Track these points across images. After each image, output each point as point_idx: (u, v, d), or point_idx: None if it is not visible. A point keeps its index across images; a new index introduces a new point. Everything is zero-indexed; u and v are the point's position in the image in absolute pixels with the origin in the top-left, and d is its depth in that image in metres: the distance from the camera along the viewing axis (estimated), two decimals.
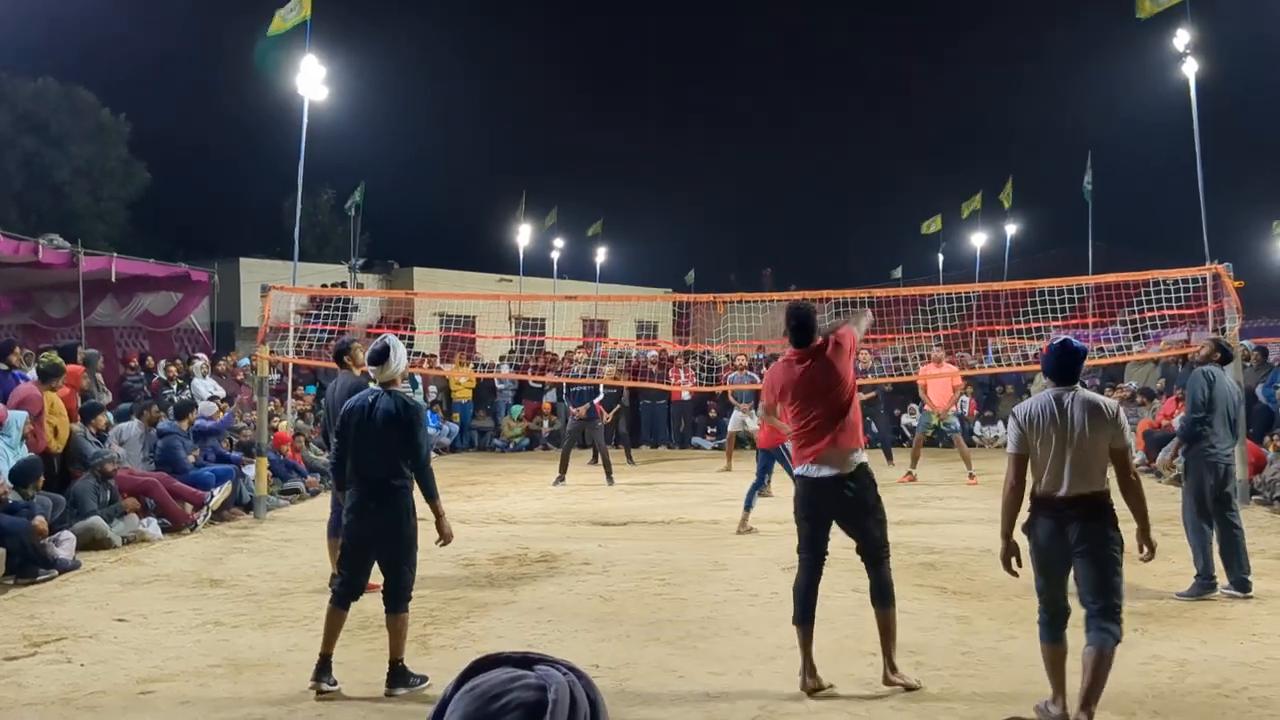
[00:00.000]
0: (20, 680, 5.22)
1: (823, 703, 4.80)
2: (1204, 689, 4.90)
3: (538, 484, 13.43)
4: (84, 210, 32.17)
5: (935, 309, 15.53)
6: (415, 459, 5.17)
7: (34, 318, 15.85)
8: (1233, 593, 6.75)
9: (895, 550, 8.42)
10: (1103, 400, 4.58)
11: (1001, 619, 6.20)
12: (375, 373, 5.33)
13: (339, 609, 5.15)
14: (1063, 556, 4.51)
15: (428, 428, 5.29)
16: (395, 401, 5.20)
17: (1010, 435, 4.69)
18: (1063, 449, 4.44)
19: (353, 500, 5.19)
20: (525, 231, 29.86)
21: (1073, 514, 4.43)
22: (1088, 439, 4.42)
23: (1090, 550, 4.42)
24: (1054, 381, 4.61)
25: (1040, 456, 4.50)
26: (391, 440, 5.12)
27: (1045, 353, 4.75)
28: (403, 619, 5.14)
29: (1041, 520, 4.52)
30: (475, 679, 1.04)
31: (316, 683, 5.01)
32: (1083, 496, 4.43)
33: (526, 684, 1.02)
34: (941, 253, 35.15)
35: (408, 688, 5.05)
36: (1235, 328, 10.72)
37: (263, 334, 11.51)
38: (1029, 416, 4.55)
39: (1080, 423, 4.43)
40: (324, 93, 15.61)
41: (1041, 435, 4.49)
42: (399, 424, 5.13)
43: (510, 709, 1.00)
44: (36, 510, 8.07)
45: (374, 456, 5.14)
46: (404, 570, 5.15)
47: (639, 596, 6.96)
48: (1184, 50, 15.56)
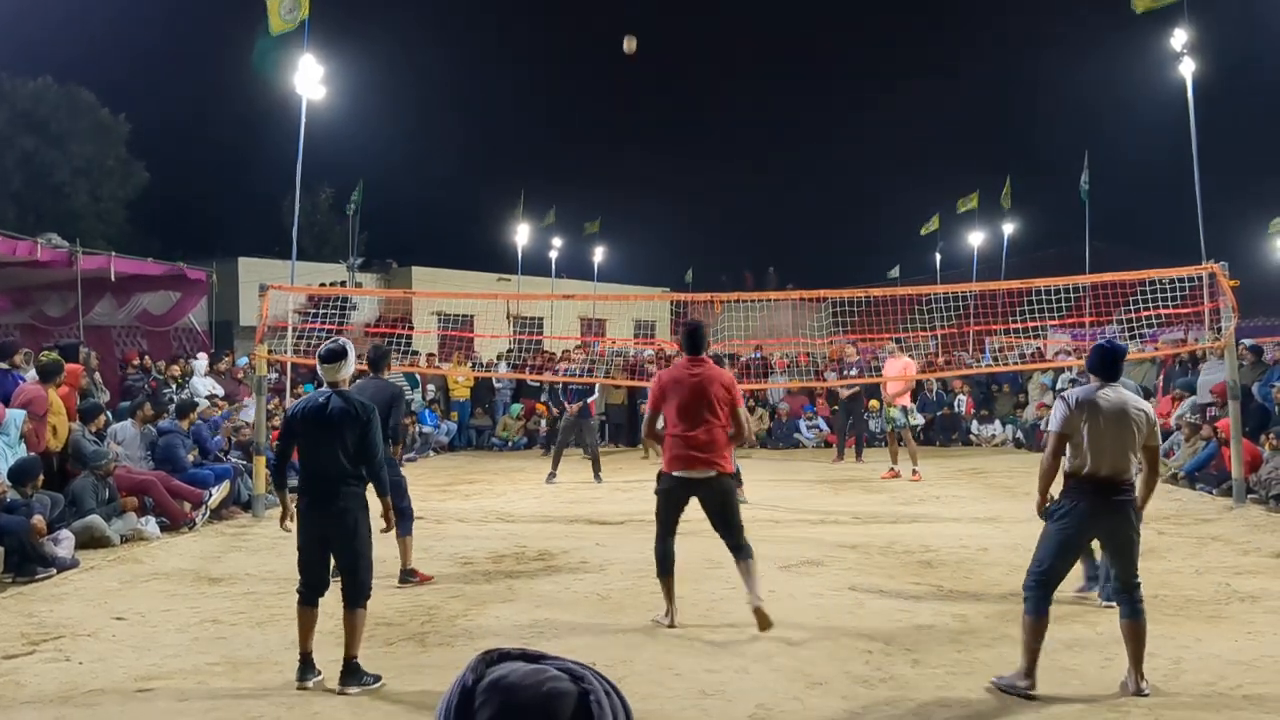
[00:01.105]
0: (19, 678, 5.23)
1: (820, 698, 4.82)
2: (1199, 686, 4.91)
3: (535, 483, 13.45)
4: (83, 209, 32.18)
5: (932, 309, 15.56)
6: (371, 460, 5.17)
7: (32, 317, 15.85)
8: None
9: (892, 548, 8.52)
10: (1141, 402, 5.05)
11: (998, 617, 6.22)
12: (326, 372, 5.27)
13: (308, 607, 5.19)
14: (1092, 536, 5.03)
15: (379, 427, 5.27)
16: (349, 402, 5.18)
17: (1056, 415, 5.03)
18: (1100, 436, 4.83)
19: (306, 500, 5.20)
20: (524, 231, 29.89)
21: (1108, 496, 4.84)
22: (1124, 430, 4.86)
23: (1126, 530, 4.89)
24: (1099, 377, 5.03)
25: (1081, 440, 4.86)
26: (345, 441, 5.11)
27: (1089, 352, 5.26)
28: (359, 615, 5.15)
29: (1078, 499, 4.86)
30: (494, 671, 0.99)
31: (302, 682, 5.06)
32: (1118, 480, 4.84)
33: (557, 677, 0.98)
34: (939, 252, 35.20)
35: (360, 685, 5.02)
36: (1231, 327, 10.74)
37: (261, 333, 11.52)
38: (1078, 401, 4.94)
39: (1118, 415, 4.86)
40: (322, 91, 15.65)
41: (1088, 420, 4.86)
42: (355, 424, 5.12)
43: (554, 698, 0.96)
44: (35, 509, 8.08)
45: (328, 457, 5.12)
46: (360, 568, 5.18)
47: (636, 595, 6.98)
48: (1181, 50, 15.61)
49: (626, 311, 29.92)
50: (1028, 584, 4.94)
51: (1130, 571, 4.88)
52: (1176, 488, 12.03)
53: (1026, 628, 4.88)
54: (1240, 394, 10.74)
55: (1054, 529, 4.91)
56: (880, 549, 8.55)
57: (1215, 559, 7.93)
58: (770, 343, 19.33)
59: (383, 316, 22.44)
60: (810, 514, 10.54)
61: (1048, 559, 4.89)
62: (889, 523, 9.94)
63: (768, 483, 12.84)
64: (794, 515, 10.40)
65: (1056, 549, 4.88)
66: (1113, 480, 4.81)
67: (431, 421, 18.15)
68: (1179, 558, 7.98)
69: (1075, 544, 4.97)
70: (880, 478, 13.37)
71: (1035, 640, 4.84)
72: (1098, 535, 5.01)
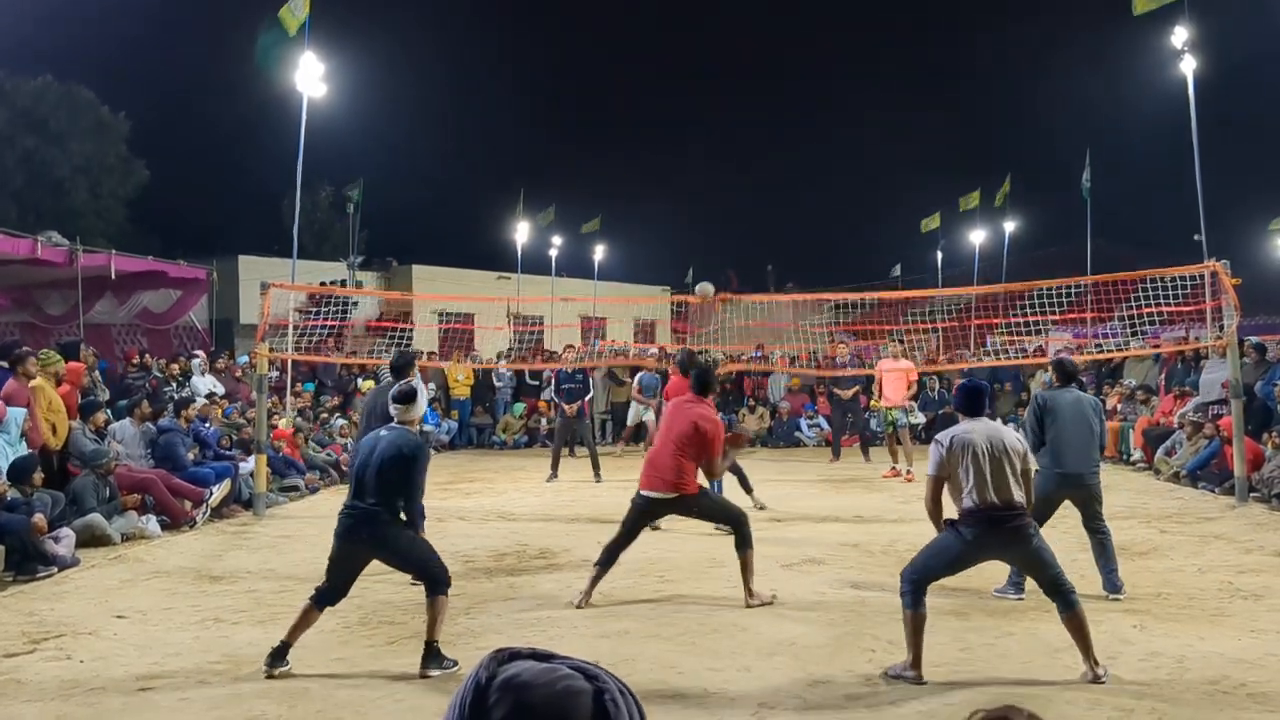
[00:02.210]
0: (19, 677, 5.22)
1: (823, 697, 4.81)
2: (1202, 685, 4.90)
3: (536, 481, 13.44)
4: (83, 208, 32.15)
5: (933, 306, 15.54)
6: (409, 498, 5.36)
7: (32, 315, 15.84)
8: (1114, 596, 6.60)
9: (894, 546, 8.50)
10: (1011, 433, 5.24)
11: (999, 615, 6.21)
12: (399, 412, 5.54)
13: (316, 608, 5.33)
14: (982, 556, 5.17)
15: (425, 468, 5.47)
16: (403, 439, 5.37)
17: (932, 459, 5.19)
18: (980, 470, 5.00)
19: (346, 524, 5.34)
20: (523, 229, 29.85)
21: (1000, 525, 4.98)
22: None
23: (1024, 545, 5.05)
24: (965, 415, 5.25)
25: (963, 477, 5.03)
26: (391, 475, 5.28)
27: (956, 391, 5.54)
28: (441, 602, 5.32)
29: (973, 526, 5.00)
30: (507, 669, 0.98)
31: (270, 667, 5.14)
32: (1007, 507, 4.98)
33: (571, 676, 0.97)
34: (940, 250, 35.15)
35: (440, 669, 5.22)
36: (1233, 325, 10.73)
37: (262, 331, 11.51)
38: (952, 441, 5.10)
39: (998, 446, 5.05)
40: (322, 90, 15.62)
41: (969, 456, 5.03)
42: (402, 459, 5.29)
43: (570, 696, 0.95)
44: (36, 507, 8.07)
45: (372, 487, 5.30)
46: (425, 564, 5.41)
47: (637, 593, 6.97)
48: (1182, 48, 15.58)
49: (627, 310, 29.90)
50: (907, 579, 5.11)
51: (1051, 573, 5.00)
52: (1179, 486, 12.03)
53: (908, 621, 5.08)
54: (1242, 393, 10.73)
55: (948, 543, 5.07)
56: (882, 548, 8.54)
57: (1218, 558, 7.92)
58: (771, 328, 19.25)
59: (383, 314, 22.43)
60: (812, 513, 10.53)
61: (933, 567, 5.10)
62: (891, 521, 9.92)
63: (769, 482, 12.80)
64: (795, 514, 10.38)
65: (943, 561, 5.08)
66: (999, 506, 4.94)
67: (432, 420, 18.12)
68: (1181, 556, 7.97)
69: (963, 563, 5.13)
70: (882, 476, 13.37)
71: (917, 632, 5.05)
72: (994, 558, 5.19)
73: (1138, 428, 14.56)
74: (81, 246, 13.92)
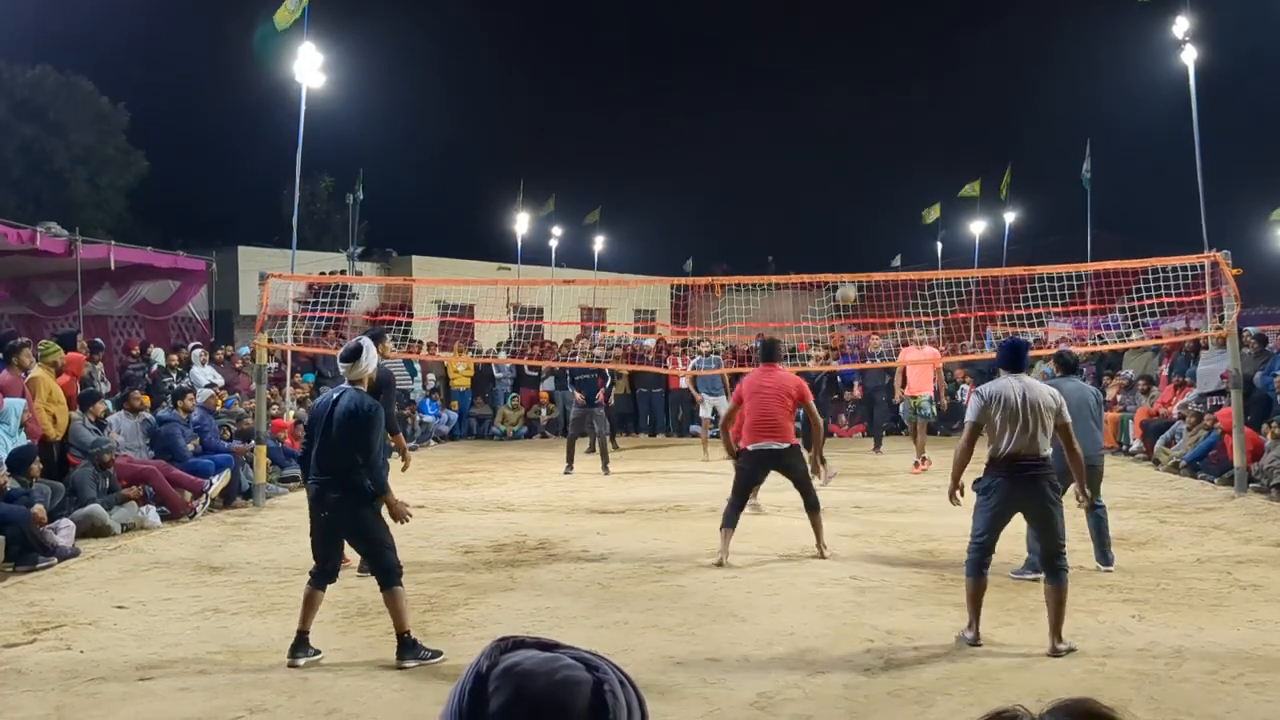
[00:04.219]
0: (20, 667, 5.23)
1: (822, 686, 4.82)
2: (1200, 675, 4.91)
3: (536, 472, 13.44)
4: (83, 198, 32.09)
5: (934, 295, 15.48)
6: (365, 456, 5.31)
7: (30, 307, 15.84)
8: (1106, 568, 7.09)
9: (894, 537, 8.52)
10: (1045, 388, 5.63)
11: (998, 605, 6.21)
12: (345, 370, 5.50)
13: (316, 589, 5.38)
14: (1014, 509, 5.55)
15: (381, 428, 5.45)
16: (355, 400, 5.35)
17: (971, 407, 5.63)
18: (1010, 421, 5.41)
19: (313, 491, 5.40)
20: (523, 220, 29.82)
21: (1021, 472, 5.41)
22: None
23: None
24: (1006, 370, 5.66)
25: (994, 427, 5.46)
26: (347, 436, 5.28)
27: (998, 348, 5.99)
28: (397, 593, 5.31)
29: (998, 476, 5.45)
30: (508, 658, 0.98)
31: (292, 659, 5.17)
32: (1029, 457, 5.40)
33: (572, 666, 0.97)
34: (940, 240, 35.11)
35: (418, 660, 5.21)
36: (1234, 315, 10.72)
37: (261, 322, 11.51)
38: (989, 394, 5.53)
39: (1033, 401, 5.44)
40: (321, 80, 15.59)
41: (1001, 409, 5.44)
42: (356, 421, 5.28)
43: (569, 686, 0.95)
44: (36, 498, 8.08)
45: (331, 450, 5.32)
46: (380, 550, 5.36)
47: (637, 583, 6.98)
48: (1183, 37, 15.55)
49: (626, 298, 29.84)
50: (969, 549, 5.56)
51: (1054, 542, 5.42)
52: (1178, 476, 12.03)
53: (968, 588, 5.52)
54: (1242, 383, 10.73)
55: (982, 504, 5.54)
56: (882, 538, 8.55)
57: (1217, 548, 7.92)
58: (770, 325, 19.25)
59: (383, 305, 22.43)
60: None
61: (978, 528, 5.53)
62: (890, 512, 9.93)
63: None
64: (796, 504, 10.35)
65: (988, 520, 5.50)
66: (1024, 457, 5.37)
67: (432, 411, 18.14)
68: (1181, 547, 7.98)
69: (1003, 514, 5.52)
70: (911, 472, 13.00)
71: (976, 599, 5.49)
72: (1020, 508, 5.52)
73: (1137, 418, 14.56)
74: (81, 238, 13.90)
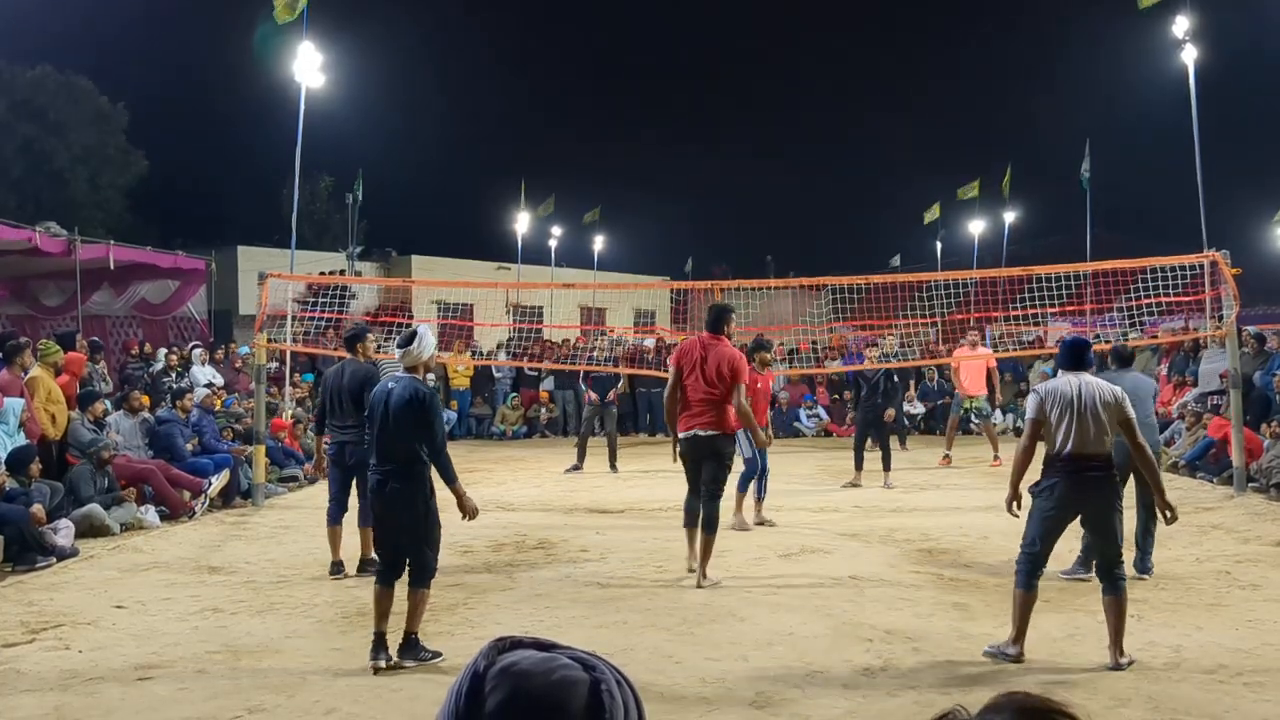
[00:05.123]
0: (19, 667, 5.23)
1: (820, 687, 4.82)
2: (1199, 675, 4.91)
3: (535, 472, 13.43)
4: (82, 198, 32.09)
5: (933, 295, 15.49)
6: (430, 444, 5.32)
7: (29, 307, 15.83)
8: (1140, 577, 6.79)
9: (893, 536, 8.52)
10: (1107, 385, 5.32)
11: (998, 605, 6.21)
12: (399, 356, 5.50)
13: (384, 587, 5.31)
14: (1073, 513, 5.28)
15: (441, 415, 5.46)
16: (411, 388, 5.33)
17: (1030, 404, 5.41)
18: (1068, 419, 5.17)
19: (373, 482, 5.40)
20: (523, 219, 29.83)
21: (1081, 473, 5.16)
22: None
23: None
24: (1066, 369, 5.39)
25: (1052, 425, 5.21)
26: (407, 425, 5.26)
27: (1059, 348, 5.66)
28: (422, 594, 5.32)
29: (1056, 478, 5.19)
30: (506, 657, 0.98)
31: (375, 660, 5.17)
32: (1090, 456, 5.14)
33: (569, 665, 0.97)
34: (940, 240, 35.13)
35: (416, 660, 5.21)
36: (1233, 315, 10.72)
37: (260, 321, 11.50)
38: (1047, 391, 5.30)
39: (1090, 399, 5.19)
40: (321, 80, 15.60)
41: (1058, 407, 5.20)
42: (413, 409, 5.26)
43: (566, 685, 0.95)
44: (34, 498, 8.08)
45: (391, 440, 5.30)
46: (424, 549, 5.35)
47: (636, 583, 6.98)
48: (1183, 37, 15.56)
49: (626, 300, 29.86)
50: (1019, 559, 5.28)
51: (1113, 549, 5.17)
52: (1177, 476, 12.02)
53: (1017, 600, 5.22)
54: (1241, 382, 10.73)
55: (1038, 509, 5.26)
56: (881, 537, 8.55)
57: (1216, 547, 7.93)
58: (770, 329, 19.27)
59: (382, 305, 22.42)
60: (810, 503, 10.53)
61: (1033, 536, 5.25)
62: (889, 511, 9.94)
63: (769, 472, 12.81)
64: (794, 504, 10.38)
65: (1042, 527, 5.22)
66: (1084, 456, 5.12)
67: None
68: (1179, 546, 7.97)
69: (1059, 521, 5.25)
70: (990, 467, 13.00)
71: (1024, 611, 5.18)
72: (1079, 512, 5.25)
73: None
74: (80, 237, 13.89)
